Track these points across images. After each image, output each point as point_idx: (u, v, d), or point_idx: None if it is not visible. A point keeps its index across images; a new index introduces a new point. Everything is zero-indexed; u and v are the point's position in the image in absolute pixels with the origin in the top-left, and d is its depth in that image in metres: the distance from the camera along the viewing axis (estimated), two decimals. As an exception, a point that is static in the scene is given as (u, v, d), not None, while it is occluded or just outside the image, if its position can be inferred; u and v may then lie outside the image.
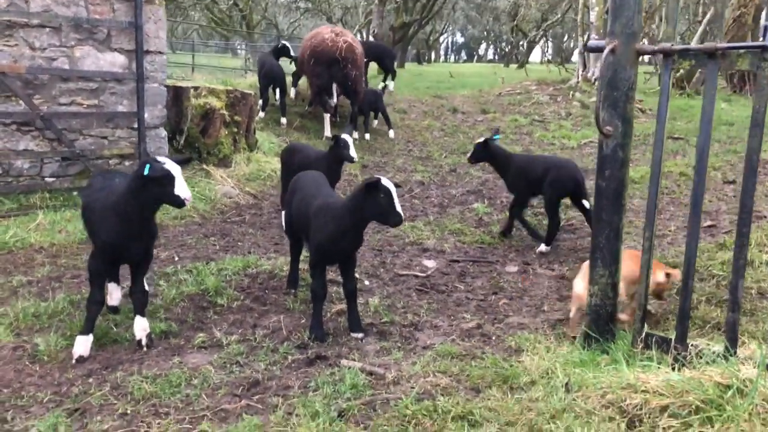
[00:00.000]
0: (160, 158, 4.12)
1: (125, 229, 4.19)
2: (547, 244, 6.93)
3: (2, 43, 7.37)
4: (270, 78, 12.56)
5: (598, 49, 3.78)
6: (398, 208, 4.33)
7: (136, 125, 8.26)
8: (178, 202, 4.08)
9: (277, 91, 12.66)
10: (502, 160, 7.39)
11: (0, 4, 7.29)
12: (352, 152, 6.75)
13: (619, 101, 3.78)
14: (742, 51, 3.42)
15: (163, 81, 8.54)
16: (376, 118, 13.45)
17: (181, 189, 4.04)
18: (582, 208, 7.13)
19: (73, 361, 4.25)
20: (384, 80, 17.31)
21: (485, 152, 7.40)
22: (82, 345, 4.30)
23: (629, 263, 4.22)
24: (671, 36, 3.62)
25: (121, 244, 4.25)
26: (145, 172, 3.95)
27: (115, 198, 4.20)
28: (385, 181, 4.34)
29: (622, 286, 4.19)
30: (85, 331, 4.35)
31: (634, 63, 3.76)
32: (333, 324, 4.95)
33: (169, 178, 4.01)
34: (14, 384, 3.95)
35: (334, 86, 11.83)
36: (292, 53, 13.66)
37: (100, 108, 8.09)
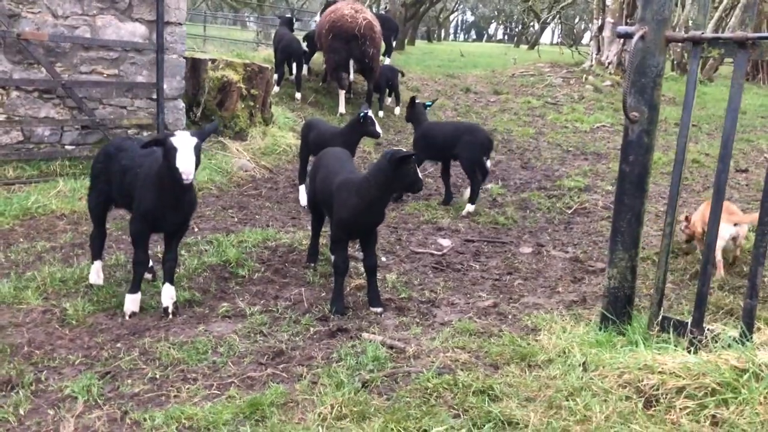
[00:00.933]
0: (179, 131, 4.23)
1: (163, 198, 4.31)
2: (471, 203, 7.62)
3: (26, 9, 7.41)
4: (288, 52, 12.55)
5: (628, 35, 3.81)
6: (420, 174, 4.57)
7: (155, 96, 8.31)
8: (177, 176, 4.07)
9: (294, 65, 12.66)
10: (416, 123, 8.23)
11: (25, -30, 7.32)
12: (378, 128, 6.93)
13: (646, 87, 3.82)
14: (773, 41, 3.45)
15: (182, 52, 8.57)
16: (390, 95, 13.46)
17: (182, 163, 4.04)
18: (482, 167, 7.81)
19: (127, 318, 4.48)
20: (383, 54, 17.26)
21: (410, 110, 8.26)
22: (133, 302, 4.55)
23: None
24: (701, 24, 3.63)
25: (158, 212, 4.37)
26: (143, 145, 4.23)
27: (157, 166, 4.33)
28: (408, 152, 4.54)
29: None
30: (133, 290, 4.57)
31: (663, 50, 3.80)
32: (352, 298, 5.05)
33: (173, 150, 4.06)
34: (46, 346, 4.06)
35: (351, 62, 11.82)
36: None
37: (120, 78, 8.14)
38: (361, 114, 6.80)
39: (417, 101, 8.31)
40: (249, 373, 3.83)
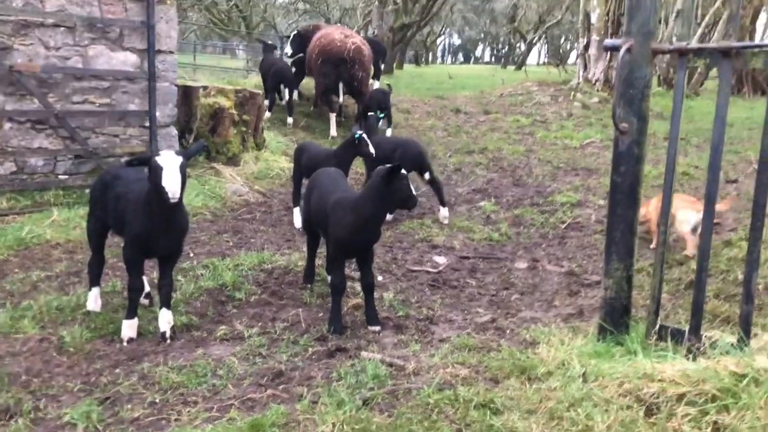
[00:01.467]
0: (164, 151, 4.28)
1: (154, 222, 4.31)
2: (443, 205, 8.05)
3: (18, 42, 7.46)
4: (279, 78, 12.69)
5: (615, 48, 3.88)
6: (414, 191, 4.60)
7: (147, 124, 8.35)
8: (163, 195, 4.10)
9: (286, 90, 12.77)
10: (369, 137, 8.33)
11: (16, 3, 7.39)
12: (371, 149, 7.04)
13: (635, 99, 3.88)
14: (756, 50, 3.53)
15: (174, 80, 8.63)
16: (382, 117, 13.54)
17: (168, 182, 4.07)
18: (428, 179, 8.18)
19: (124, 344, 4.48)
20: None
21: (362, 123, 8.67)
22: (130, 328, 4.56)
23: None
24: (685, 36, 3.71)
25: (151, 236, 4.36)
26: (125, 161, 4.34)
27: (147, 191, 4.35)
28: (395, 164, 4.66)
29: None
30: (130, 316, 4.58)
31: (649, 62, 3.87)
32: (350, 318, 5.05)
33: (158, 169, 4.10)
34: (43, 374, 4.04)
35: (341, 86, 11.94)
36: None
37: (112, 106, 8.18)
38: (356, 135, 6.87)
39: (370, 114, 8.60)
40: (249, 394, 3.82)
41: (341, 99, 12.35)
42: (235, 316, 5.02)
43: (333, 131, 12.15)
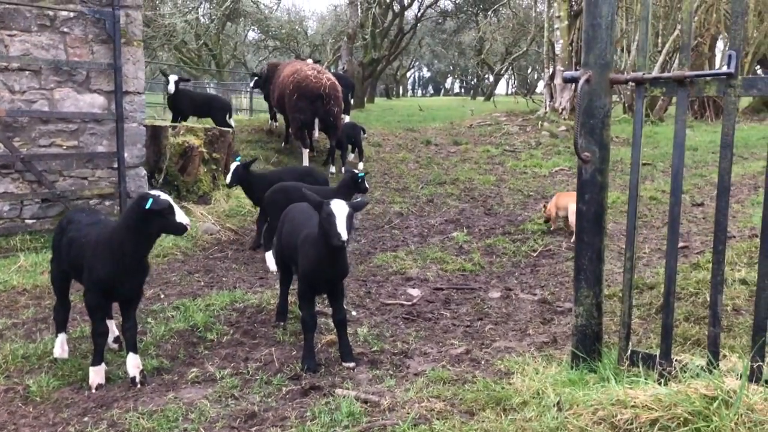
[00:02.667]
0: (153, 191, 4.24)
1: (120, 265, 4.24)
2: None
3: (-18, 87, 7.41)
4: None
5: (574, 80, 3.97)
6: (340, 228, 4.34)
7: (115, 165, 8.29)
8: (181, 229, 4.23)
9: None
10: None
11: (-21, 48, 7.35)
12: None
13: (595, 128, 3.96)
14: (709, 78, 3.63)
15: (142, 120, 8.61)
16: (353, 151, 13.62)
17: (181, 217, 4.20)
18: None
19: (93, 391, 4.38)
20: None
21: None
22: (98, 374, 4.46)
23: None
24: (642, 65, 3.77)
25: (115, 280, 4.29)
26: (147, 206, 4.04)
27: (110, 234, 4.26)
28: (332, 203, 4.43)
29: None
30: (96, 362, 4.47)
31: (608, 92, 3.96)
32: (324, 355, 5.00)
33: (170, 209, 4.14)
34: (8, 426, 3.92)
35: (317, 121, 12.00)
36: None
37: (80, 149, 8.13)
38: (359, 175, 7.22)
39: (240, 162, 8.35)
40: (222, 438, 3.75)
41: (316, 134, 12.40)
42: (207, 358, 4.94)
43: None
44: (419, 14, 39.36)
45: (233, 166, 8.08)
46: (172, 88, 12.53)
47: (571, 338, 4.39)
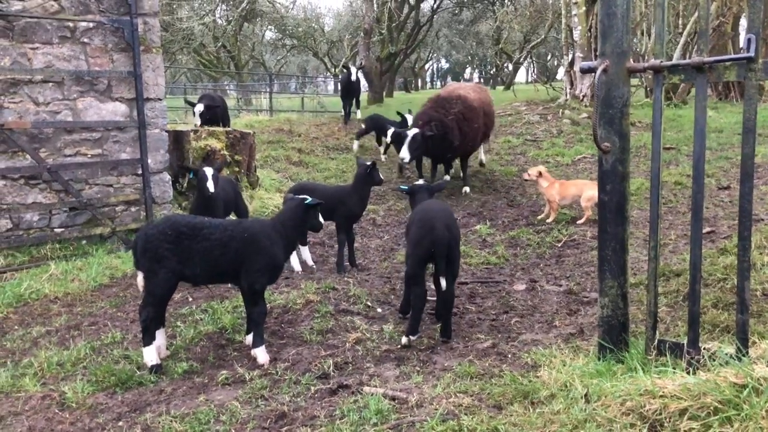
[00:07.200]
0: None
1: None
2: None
3: (8, 100, 7.56)
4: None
5: (591, 70, 3.94)
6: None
7: (140, 171, 8.41)
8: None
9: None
10: None
11: (4, 62, 7.50)
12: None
13: (614, 118, 3.93)
14: (728, 63, 3.58)
15: (164, 126, 8.72)
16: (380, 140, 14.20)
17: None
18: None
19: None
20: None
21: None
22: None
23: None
24: (659, 53, 3.71)
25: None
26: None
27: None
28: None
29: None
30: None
31: (626, 81, 3.93)
32: (352, 353, 5.04)
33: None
34: (46, 432, 4.03)
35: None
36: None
37: (104, 157, 8.26)
38: (369, 165, 7.17)
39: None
40: (253, 438, 3.80)
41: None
42: (236, 359, 5.01)
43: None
44: (435, 5, 39.20)
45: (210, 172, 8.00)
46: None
47: (597, 329, 4.37)
